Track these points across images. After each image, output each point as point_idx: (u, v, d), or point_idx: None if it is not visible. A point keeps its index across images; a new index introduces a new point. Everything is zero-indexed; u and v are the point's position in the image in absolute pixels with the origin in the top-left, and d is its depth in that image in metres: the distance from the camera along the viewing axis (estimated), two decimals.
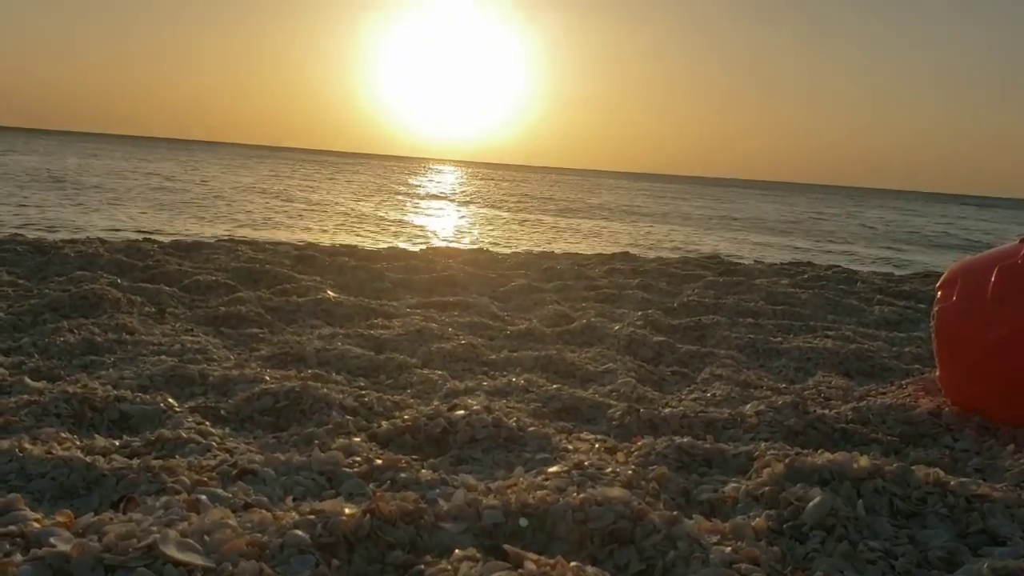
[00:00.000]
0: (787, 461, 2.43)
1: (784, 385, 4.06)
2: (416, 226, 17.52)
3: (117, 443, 2.53)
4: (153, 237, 9.44)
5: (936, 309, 3.53)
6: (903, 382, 4.14)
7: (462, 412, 2.86)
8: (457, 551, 1.69)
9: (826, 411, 3.34)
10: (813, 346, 4.78)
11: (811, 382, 4.11)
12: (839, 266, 10.51)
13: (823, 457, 2.47)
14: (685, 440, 2.74)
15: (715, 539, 1.91)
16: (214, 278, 6.10)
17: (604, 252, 11.38)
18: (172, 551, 1.54)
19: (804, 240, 20.01)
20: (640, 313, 5.67)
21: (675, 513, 2.03)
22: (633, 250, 12.61)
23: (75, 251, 6.97)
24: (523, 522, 2.95)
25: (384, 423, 2.88)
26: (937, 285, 3.61)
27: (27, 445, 2.30)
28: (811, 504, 2.13)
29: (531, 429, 2.78)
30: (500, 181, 61.98)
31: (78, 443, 2.48)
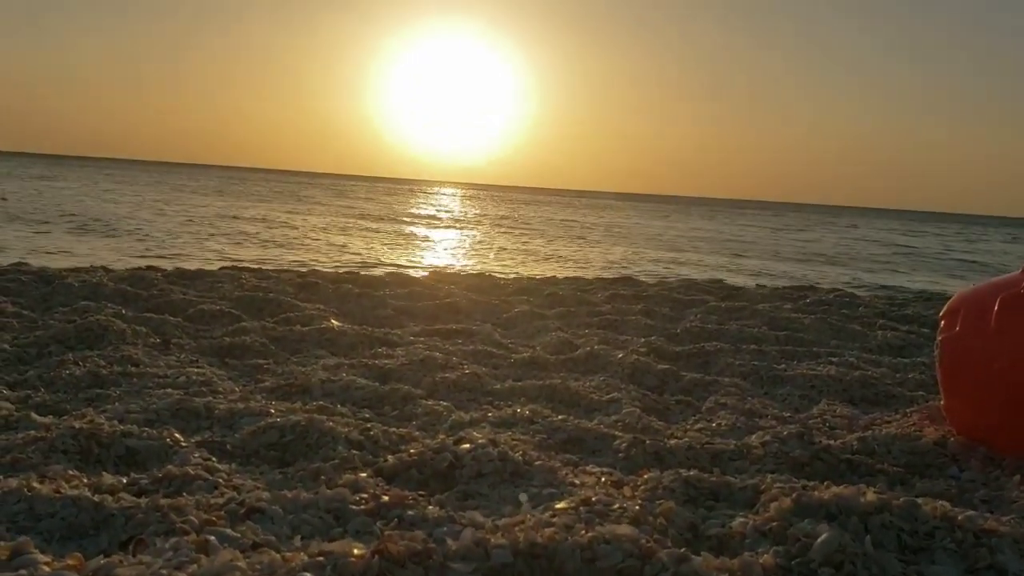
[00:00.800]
0: (794, 496, 2.43)
1: (789, 414, 4.06)
2: (417, 249, 17.55)
3: (124, 480, 2.53)
4: (156, 265, 9.46)
5: (939, 339, 3.54)
6: (908, 410, 4.14)
7: (468, 446, 2.86)
8: None
9: (832, 441, 3.35)
10: (817, 373, 4.78)
11: (816, 411, 4.11)
12: (841, 290, 10.52)
13: (830, 491, 2.48)
14: (691, 473, 2.74)
15: None
16: (218, 307, 6.11)
17: (606, 277, 11.40)
18: None
19: (802, 265, 20.05)
20: (643, 340, 5.68)
21: (683, 551, 2.03)
22: (629, 268, 12.62)
23: (79, 280, 6.98)
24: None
25: (390, 457, 2.88)
26: (940, 315, 3.62)
27: (35, 484, 2.31)
28: (819, 540, 2.13)
29: (537, 463, 2.78)
30: (500, 202, 62.14)
31: (86, 481, 2.48)
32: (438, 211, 40.11)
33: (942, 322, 3.57)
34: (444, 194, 78.53)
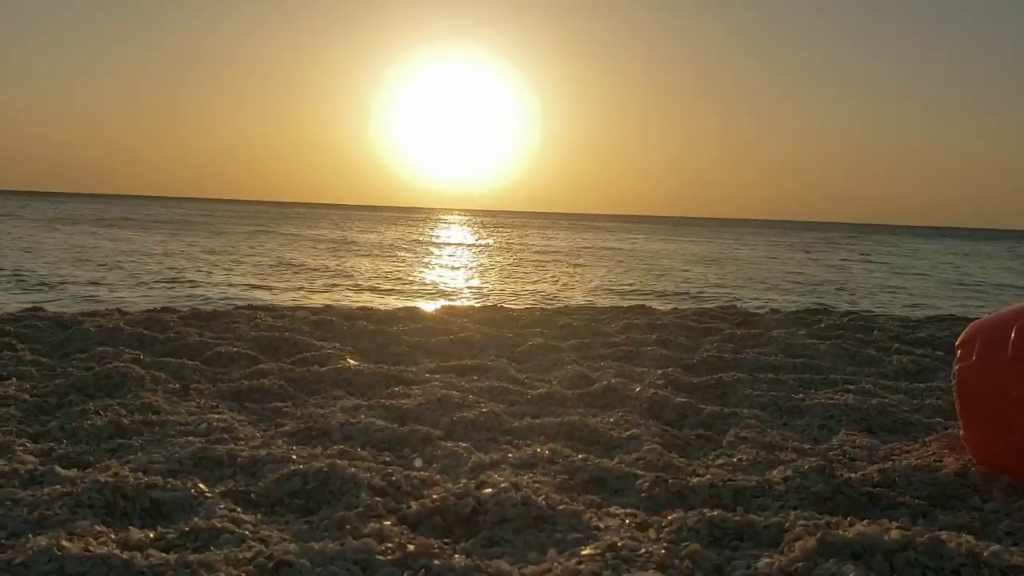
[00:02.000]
0: (819, 535, 2.43)
1: (809, 445, 4.06)
2: (429, 282, 17.61)
3: (152, 535, 2.55)
4: (171, 306, 9.53)
5: (956, 368, 3.55)
6: (927, 439, 4.14)
7: (490, 490, 2.87)
8: None
9: (852, 474, 3.34)
10: (835, 402, 4.78)
11: (835, 441, 4.11)
12: (855, 312, 10.51)
13: (854, 529, 2.48)
14: (715, 513, 2.74)
15: None
16: (235, 348, 6.15)
17: (619, 305, 11.41)
18: None
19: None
20: (660, 371, 5.68)
21: None
22: (640, 292, 12.63)
23: (95, 325, 7.03)
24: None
25: (413, 503, 2.89)
26: (956, 344, 3.63)
27: (64, 542, 2.33)
28: None
29: (561, 507, 2.79)
30: (507, 228, 62.31)
31: (113, 536, 2.50)
32: (445, 240, 40.25)
33: (958, 351, 3.57)
34: (450, 222, 78.76)
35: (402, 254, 27.50)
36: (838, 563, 2.26)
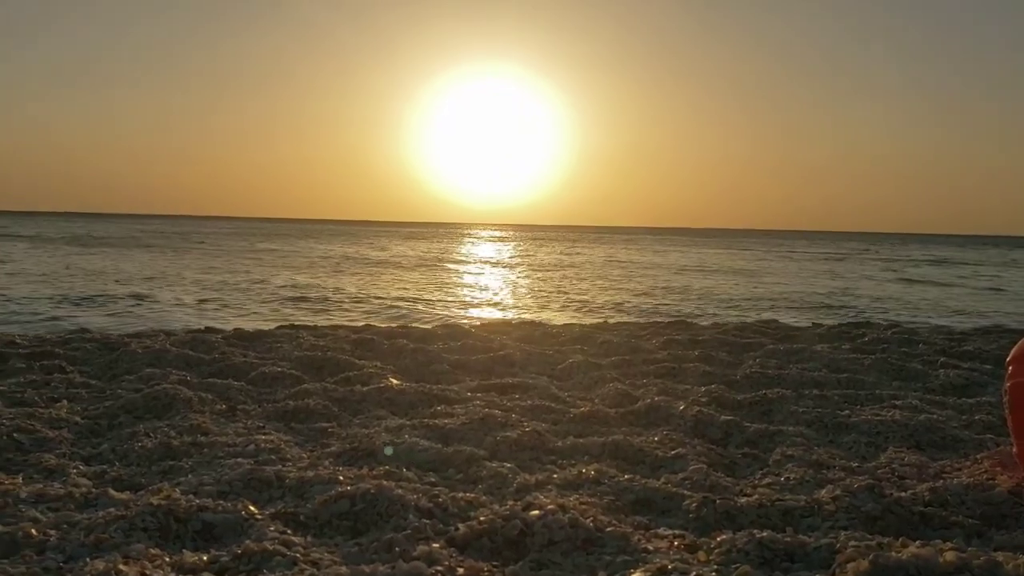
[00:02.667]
0: (871, 557, 2.41)
1: (857, 463, 4.01)
2: (465, 297, 17.66)
3: (205, 558, 2.58)
4: (215, 327, 9.66)
5: (1008, 385, 3.50)
6: (978, 456, 4.07)
7: (537, 512, 2.87)
8: None
9: (903, 493, 3.30)
10: (882, 419, 4.72)
11: (884, 459, 4.06)
12: (899, 325, 10.37)
13: (908, 551, 2.45)
14: (765, 534, 2.72)
15: None
16: (279, 369, 6.22)
17: (659, 321, 11.36)
18: None
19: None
20: (703, 388, 5.65)
21: None
22: (678, 307, 12.56)
23: (142, 347, 7.15)
24: (388, 451, 3.11)
25: (460, 526, 2.90)
26: (1008, 359, 3.57)
27: (122, 566, 2.37)
28: None
29: (609, 529, 2.78)
30: (542, 243, 62.35)
31: (168, 560, 2.55)
32: (480, 255, 40.35)
33: (1009, 368, 3.52)
34: (484, 238, 78.94)
35: (438, 270, 27.63)
36: None
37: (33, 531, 2.77)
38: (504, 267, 31.08)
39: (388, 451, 4.05)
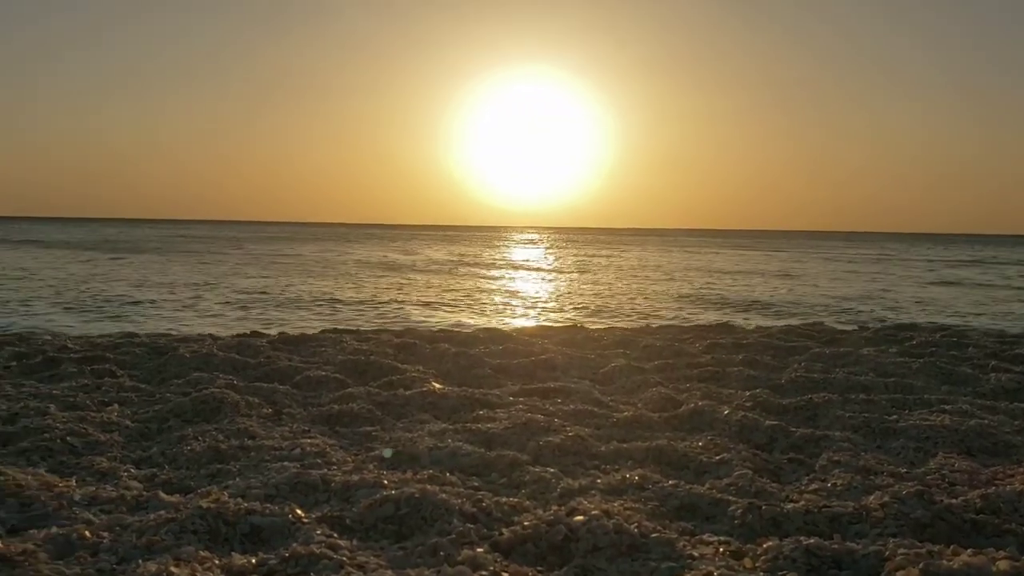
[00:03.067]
0: (921, 565, 2.38)
1: (905, 469, 3.95)
2: (508, 301, 17.68)
3: (254, 560, 2.62)
4: (261, 331, 9.77)
5: None
6: None
7: (582, 518, 2.87)
8: None
9: (953, 500, 3.25)
10: (931, 424, 4.64)
11: (933, 465, 3.99)
12: (948, 328, 10.18)
13: (959, 560, 2.42)
14: (812, 541, 2.70)
15: None
16: (323, 373, 6.28)
17: (702, 323, 11.28)
18: None
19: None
20: (748, 393, 5.60)
21: None
22: (722, 309, 12.45)
23: (190, 351, 7.25)
24: (387, 453, 3.14)
25: (505, 530, 2.91)
26: None
27: (173, 569, 2.42)
28: None
29: (654, 535, 2.77)
30: (583, 245, 62.21)
31: (217, 562, 2.58)
32: (522, 259, 40.36)
33: None
34: (527, 241, 78.93)
35: (481, 273, 27.70)
36: None
37: (87, 533, 2.83)
38: (544, 271, 31.06)
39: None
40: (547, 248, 57.93)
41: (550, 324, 12.24)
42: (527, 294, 20.10)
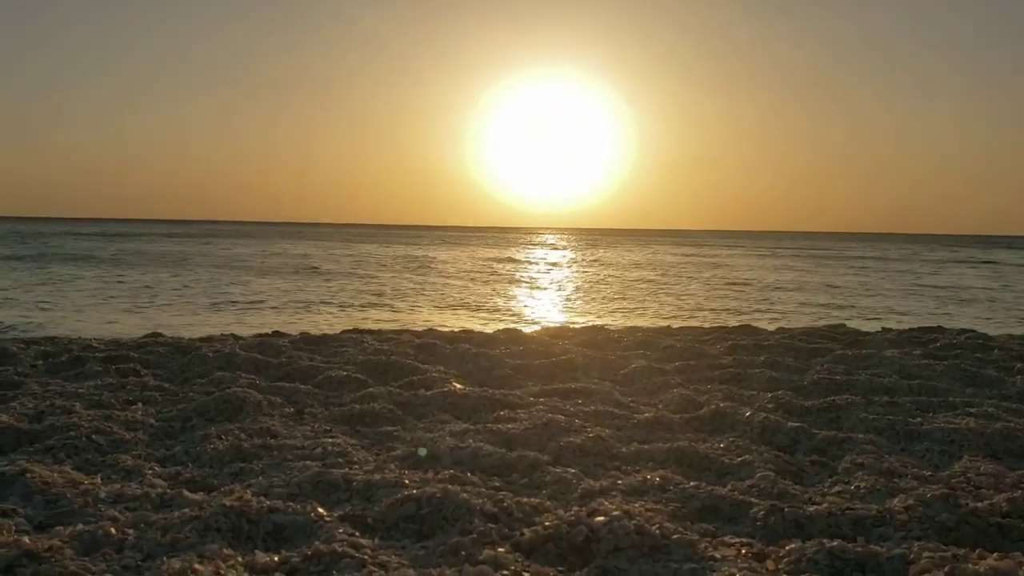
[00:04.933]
0: (947, 569, 2.36)
1: (930, 472, 3.92)
2: (529, 302, 17.68)
3: (276, 558, 2.63)
4: (282, 331, 9.82)
5: None
6: None
7: (603, 519, 2.86)
8: None
9: (979, 504, 3.21)
10: (956, 426, 4.60)
11: (958, 468, 3.95)
12: (972, 331, 10.08)
13: (985, 563, 2.40)
14: (835, 544, 2.68)
15: None
16: (345, 373, 6.30)
17: (723, 325, 11.24)
18: None
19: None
20: (770, 395, 5.57)
21: None
22: (739, 305, 12.39)
23: (212, 351, 7.30)
24: (422, 452, 3.07)
25: (526, 531, 2.91)
26: None
27: (197, 566, 2.44)
28: None
29: (675, 536, 2.76)
30: (604, 247, 62.09)
31: (240, 560, 2.60)
32: (542, 260, 40.34)
33: None
34: (547, 243, 78.87)
35: (501, 274, 27.72)
36: None
37: (112, 530, 2.86)
38: (564, 271, 31.03)
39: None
40: (568, 250, 57.86)
41: (571, 325, 12.23)
42: (547, 296, 20.09)
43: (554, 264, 36.34)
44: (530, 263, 37.02)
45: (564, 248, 60.48)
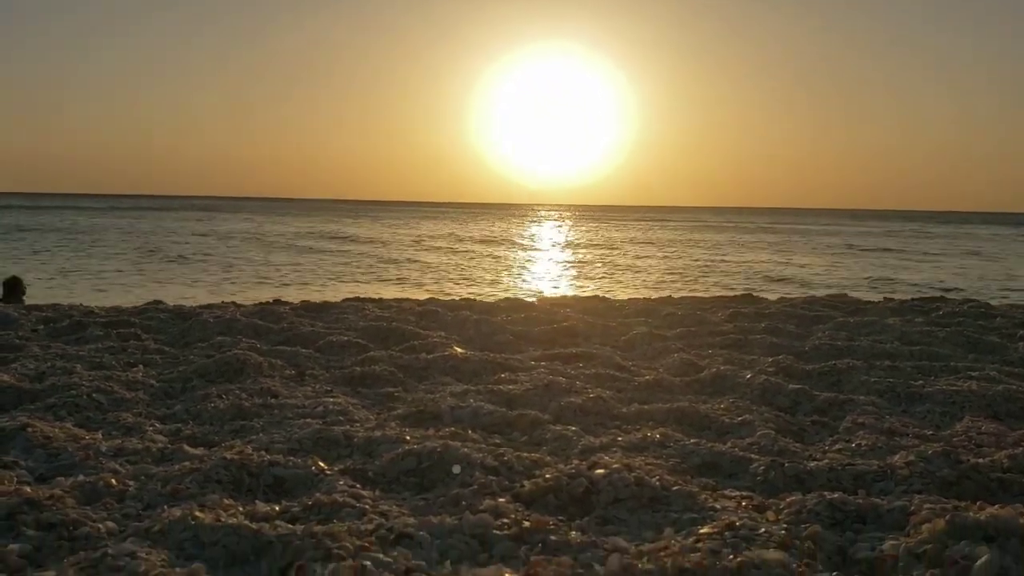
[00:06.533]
0: (947, 517, 2.35)
1: (931, 432, 3.91)
2: (529, 274, 17.66)
3: (277, 508, 2.63)
4: (283, 299, 9.81)
5: None
6: None
7: (603, 471, 2.86)
8: None
9: (980, 459, 3.21)
10: (957, 389, 4.59)
11: (959, 427, 3.94)
12: (974, 300, 10.07)
13: (986, 512, 2.39)
14: (836, 496, 2.67)
15: None
16: (346, 338, 6.29)
17: (724, 295, 11.22)
18: None
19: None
20: (771, 359, 5.56)
21: (835, 574, 2.00)
22: (740, 278, 12.37)
23: (213, 316, 7.29)
24: (456, 469, 3.00)
25: (526, 483, 2.91)
26: None
27: (198, 513, 2.43)
28: (979, 563, 2.06)
29: (675, 488, 2.76)
30: (605, 223, 61.97)
31: (241, 509, 2.60)
32: (545, 236, 40.27)
33: None
34: (548, 218, 78.74)
35: (502, 249, 27.68)
36: (970, 545, 2.17)
37: (113, 481, 2.86)
38: (567, 246, 31.00)
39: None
40: (567, 225, 57.75)
41: (572, 295, 12.22)
42: (548, 269, 20.07)
43: (557, 240, 36.28)
44: (530, 240, 36.95)
45: (565, 225, 60.39)
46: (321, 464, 3.10)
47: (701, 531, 2.33)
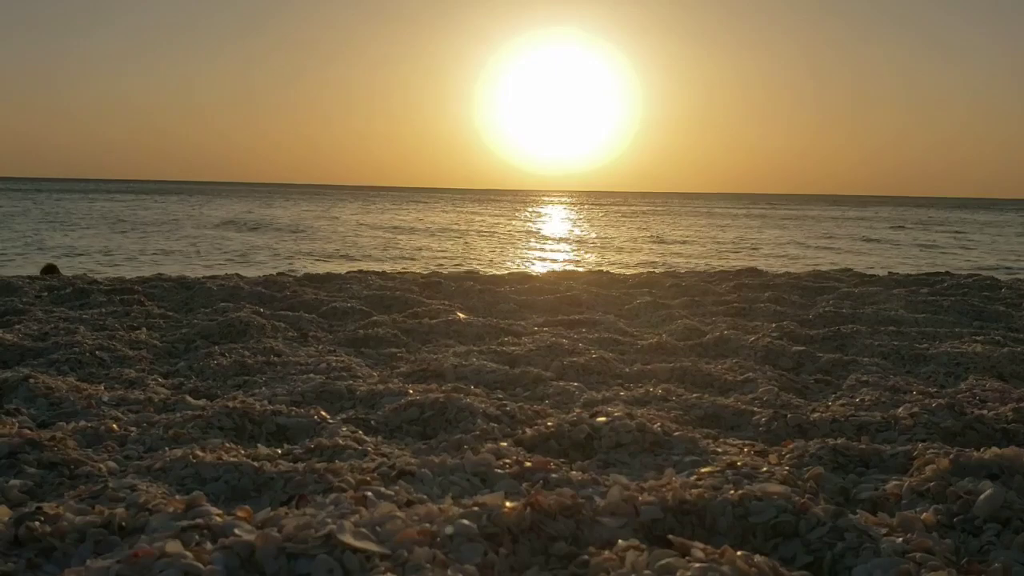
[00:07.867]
0: (951, 457, 2.34)
1: (935, 389, 3.90)
2: (532, 253, 17.65)
3: (279, 451, 2.63)
4: (287, 272, 9.81)
5: None
6: None
7: (605, 418, 2.86)
8: (621, 541, 1.70)
9: (984, 412, 3.19)
10: (962, 351, 4.58)
11: (964, 386, 3.93)
12: (980, 274, 10.03)
13: (991, 452, 2.38)
14: (839, 441, 2.67)
15: (884, 531, 1.85)
16: (349, 305, 6.29)
17: (728, 269, 11.20)
18: (349, 539, 1.60)
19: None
20: (775, 325, 5.54)
21: (838, 507, 1.98)
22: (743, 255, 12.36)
23: (217, 285, 7.30)
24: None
25: (528, 430, 2.91)
26: None
27: (199, 452, 2.43)
28: (983, 496, 2.05)
29: (677, 434, 2.76)
30: (609, 208, 61.85)
31: (243, 452, 2.60)
32: (548, 223, 40.21)
33: None
34: (552, 203, 78.63)
35: (507, 234, 27.65)
36: (973, 482, 2.16)
37: (115, 426, 2.87)
38: (571, 230, 30.95)
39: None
40: (575, 211, 57.67)
41: (576, 269, 12.20)
42: (554, 248, 20.06)
43: (562, 223, 36.22)
44: (538, 223, 36.89)
45: (571, 211, 60.29)
46: (324, 414, 3.10)
47: (703, 470, 2.32)
